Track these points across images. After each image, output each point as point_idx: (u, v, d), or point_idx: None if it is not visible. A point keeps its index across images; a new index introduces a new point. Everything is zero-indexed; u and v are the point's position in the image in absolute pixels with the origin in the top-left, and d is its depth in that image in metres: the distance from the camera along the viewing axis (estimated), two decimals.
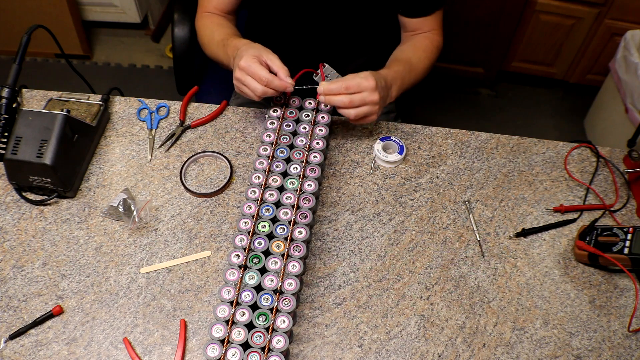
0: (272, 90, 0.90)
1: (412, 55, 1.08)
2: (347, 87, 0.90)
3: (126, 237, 0.91)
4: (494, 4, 1.94)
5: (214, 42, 1.06)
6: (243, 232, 0.81)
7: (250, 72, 0.89)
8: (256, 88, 0.89)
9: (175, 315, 0.84)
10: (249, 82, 0.90)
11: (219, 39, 1.04)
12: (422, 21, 1.11)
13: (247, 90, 0.91)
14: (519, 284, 0.89)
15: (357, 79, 0.90)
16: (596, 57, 2.06)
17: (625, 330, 0.85)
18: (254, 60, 0.89)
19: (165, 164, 1.01)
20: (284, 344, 0.72)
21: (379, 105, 0.93)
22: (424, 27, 1.12)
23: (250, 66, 0.88)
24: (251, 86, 0.90)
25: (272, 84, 0.89)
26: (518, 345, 0.83)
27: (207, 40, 1.09)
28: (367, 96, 0.90)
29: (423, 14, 1.10)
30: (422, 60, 1.08)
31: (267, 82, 0.88)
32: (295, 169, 0.89)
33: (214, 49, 1.06)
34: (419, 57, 1.08)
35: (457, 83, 2.34)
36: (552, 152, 1.06)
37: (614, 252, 0.87)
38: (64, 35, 2.22)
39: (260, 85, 0.89)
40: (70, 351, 0.80)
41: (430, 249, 0.92)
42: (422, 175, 1.01)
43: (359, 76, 0.90)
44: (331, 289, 0.87)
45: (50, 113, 0.89)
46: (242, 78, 0.90)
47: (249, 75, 0.89)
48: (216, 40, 1.05)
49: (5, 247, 0.90)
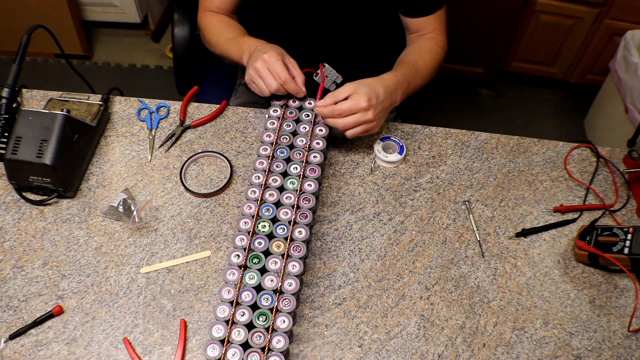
0: (283, 90, 0.93)
1: (417, 57, 1.07)
2: (340, 113, 0.91)
3: (126, 237, 0.91)
4: (494, 4, 1.94)
5: (223, 39, 1.06)
6: (243, 232, 0.81)
7: (272, 68, 0.91)
8: (271, 84, 0.91)
9: (175, 315, 0.84)
10: (266, 75, 0.91)
11: (231, 36, 1.05)
12: (425, 21, 1.10)
13: (261, 83, 0.92)
14: (519, 284, 0.89)
15: (348, 103, 0.91)
16: (596, 57, 2.06)
17: (625, 330, 0.85)
18: (277, 58, 0.91)
19: (165, 164, 1.01)
20: (284, 344, 0.72)
21: (375, 121, 0.93)
22: (427, 27, 1.11)
23: (274, 63, 0.91)
24: (267, 80, 0.91)
25: (288, 85, 0.92)
26: (518, 345, 0.83)
27: (214, 39, 1.08)
28: (360, 117, 0.91)
29: (424, 13, 1.09)
30: (428, 62, 1.07)
31: (284, 81, 0.91)
32: (295, 169, 0.89)
33: (223, 45, 1.06)
34: (424, 60, 1.07)
35: (457, 83, 2.34)
36: (552, 152, 1.06)
37: (614, 252, 0.87)
38: (64, 35, 2.22)
39: (276, 83, 0.91)
40: (70, 351, 0.80)
41: (430, 249, 0.92)
42: (422, 175, 1.01)
43: (351, 98, 0.91)
44: (331, 289, 0.87)
45: (50, 113, 0.89)
46: (262, 70, 0.91)
47: (269, 69, 0.91)
48: (226, 37, 1.06)
49: (5, 247, 0.90)
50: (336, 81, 1.00)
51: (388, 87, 0.95)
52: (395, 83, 0.97)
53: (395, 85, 0.97)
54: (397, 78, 0.98)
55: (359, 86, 0.92)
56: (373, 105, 0.91)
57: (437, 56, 1.09)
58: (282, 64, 0.91)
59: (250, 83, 0.95)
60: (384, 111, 0.95)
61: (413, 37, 1.14)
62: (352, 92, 0.91)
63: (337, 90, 0.93)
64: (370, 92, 0.91)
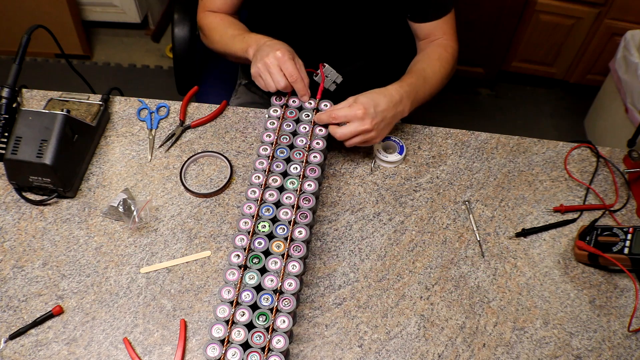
0: (290, 88, 0.94)
1: (426, 66, 1.05)
2: (334, 118, 0.92)
3: (126, 237, 0.91)
4: (494, 4, 1.94)
5: (227, 35, 1.06)
6: (243, 232, 0.81)
7: (284, 66, 0.91)
8: (279, 81, 0.92)
9: (175, 315, 0.84)
10: (275, 72, 0.91)
11: (235, 33, 1.05)
12: (433, 26, 1.08)
13: (269, 78, 0.93)
14: (519, 284, 0.89)
15: (344, 109, 0.91)
16: (596, 57, 2.06)
17: (625, 330, 0.85)
18: (290, 56, 0.92)
19: (165, 164, 1.01)
20: (284, 344, 0.72)
21: (374, 132, 0.92)
22: (436, 33, 1.09)
23: (287, 61, 0.91)
24: (275, 77, 0.92)
25: (297, 85, 0.93)
26: (518, 345, 0.83)
27: (217, 36, 1.08)
28: (357, 127, 0.91)
29: (432, 18, 1.07)
30: (437, 70, 1.05)
31: (295, 80, 0.92)
32: (295, 169, 0.89)
33: (227, 42, 1.06)
34: (433, 68, 1.04)
35: (457, 83, 2.33)
36: (552, 152, 1.06)
37: (614, 252, 0.87)
38: (64, 35, 2.22)
39: (285, 80, 0.92)
40: (70, 351, 0.80)
41: (430, 249, 0.92)
42: (422, 175, 1.01)
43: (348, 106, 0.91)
44: (331, 289, 0.87)
45: (50, 113, 0.89)
46: (272, 67, 0.91)
47: (280, 67, 0.91)
48: (230, 34, 1.06)
49: (5, 247, 0.90)
50: (336, 81, 1.00)
51: (392, 98, 0.94)
52: (401, 94, 0.95)
53: (400, 96, 0.95)
54: (403, 89, 0.96)
55: (359, 96, 0.92)
56: (370, 115, 0.90)
57: (446, 63, 1.07)
58: (294, 63, 0.92)
59: (256, 77, 0.94)
60: (385, 122, 0.93)
61: (423, 44, 1.12)
62: (352, 102, 0.92)
63: (340, 103, 0.93)
64: (368, 102, 0.91)
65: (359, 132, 0.91)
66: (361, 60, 1.19)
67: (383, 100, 0.92)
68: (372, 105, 0.91)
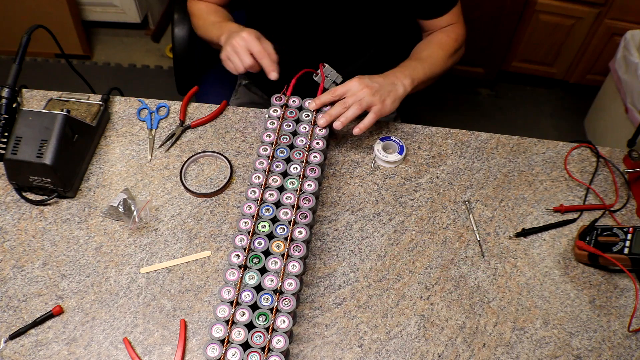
0: (257, 67, 0.95)
1: (422, 49, 1.10)
2: (334, 92, 0.95)
3: (126, 237, 0.91)
4: (494, 4, 1.94)
5: (208, 22, 1.10)
6: (243, 232, 0.81)
7: (249, 44, 0.93)
8: (245, 60, 0.94)
9: (175, 315, 0.84)
10: (242, 52, 0.94)
11: (215, 20, 1.09)
12: (440, 20, 1.12)
13: (236, 59, 0.95)
14: (519, 284, 0.89)
15: (342, 87, 0.95)
16: (596, 57, 2.06)
17: (625, 330, 0.85)
18: (255, 37, 0.94)
19: (165, 164, 1.01)
20: (284, 344, 0.72)
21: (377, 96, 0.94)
22: (443, 24, 1.13)
23: (252, 40, 0.93)
24: (242, 57, 0.94)
25: (264, 61, 0.94)
26: (518, 345, 0.83)
27: (200, 22, 1.12)
28: (356, 91, 0.93)
29: (438, 14, 1.11)
30: (434, 52, 1.08)
31: (261, 57, 0.93)
32: (295, 169, 0.89)
33: (207, 28, 1.09)
34: (430, 50, 1.09)
35: (457, 83, 2.34)
36: (552, 152, 1.06)
37: (614, 252, 0.87)
38: (64, 35, 2.22)
39: (250, 59, 0.93)
40: (70, 351, 0.80)
41: (430, 249, 0.92)
42: (422, 175, 1.01)
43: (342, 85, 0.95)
44: (331, 289, 0.87)
45: (50, 113, 0.89)
46: (239, 47, 0.94)
47: (247, 47, 0.93)
48: (211, 20, 1.09)
49: (5, 247, 0.90)
50: (336, 81, 1.00)
51: (383, 74, 0.98)
52: (392, 71, 1.00)
53: (392, 71, 1.00)
54: (396, 69, 1.01)
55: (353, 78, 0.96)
56: (366, 84, 0.94)
57: (447, 46, 1.10)
58: (258, 42, 0.94)
59: (225, 60, 0.97)
60: (383, 89, 0.96)
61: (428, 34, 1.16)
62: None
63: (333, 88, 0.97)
64: (361, 77, 0.95)
65: (360, 96, 0.93)
66: (361, 60, 1.19)
67: (374, 76, 0.97)
68: (366, 77, 0.96)
